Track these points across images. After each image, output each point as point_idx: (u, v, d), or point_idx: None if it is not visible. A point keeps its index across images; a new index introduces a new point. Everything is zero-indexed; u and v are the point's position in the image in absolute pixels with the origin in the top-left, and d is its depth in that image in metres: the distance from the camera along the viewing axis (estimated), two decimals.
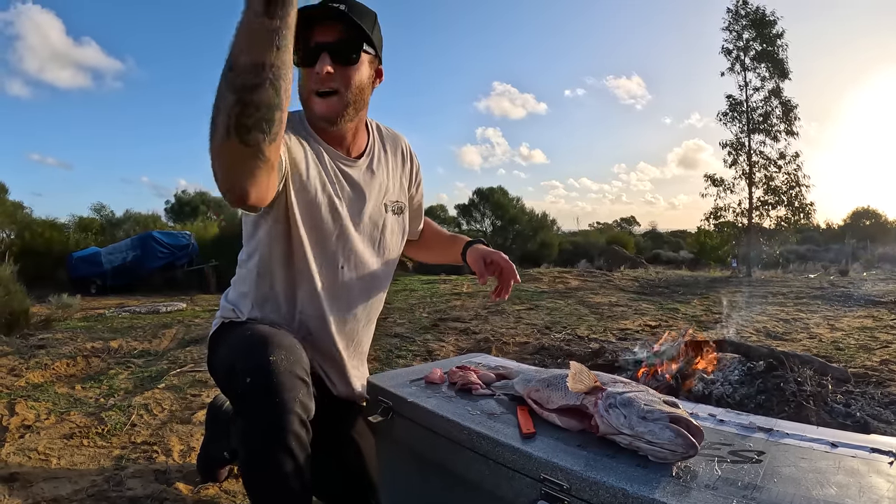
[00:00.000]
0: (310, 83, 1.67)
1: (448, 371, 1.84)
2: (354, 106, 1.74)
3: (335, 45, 1.65)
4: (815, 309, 7.95)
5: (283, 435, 1.38)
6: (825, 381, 3.36)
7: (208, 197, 34.76)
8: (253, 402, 1.40)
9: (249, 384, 1.39)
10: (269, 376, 1.39)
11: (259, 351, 1.44)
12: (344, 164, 1.83)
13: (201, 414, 3.19)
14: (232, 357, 1.53)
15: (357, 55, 1.68)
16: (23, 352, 4.82)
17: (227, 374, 1.53)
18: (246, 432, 1.42)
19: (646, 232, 52.42)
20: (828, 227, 47.06)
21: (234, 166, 1.30)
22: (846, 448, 1.26)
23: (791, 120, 18.71)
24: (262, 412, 1.38)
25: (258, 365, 1.41)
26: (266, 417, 1.38)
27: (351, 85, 1.69)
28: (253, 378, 1.40)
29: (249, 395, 1.40)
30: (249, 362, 1.43)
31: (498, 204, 33.52)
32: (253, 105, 1.22)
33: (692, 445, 1.13)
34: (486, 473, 1.37)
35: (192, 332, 6.15)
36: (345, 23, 1.64)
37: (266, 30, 1.18)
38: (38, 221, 21.57)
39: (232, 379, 1.47)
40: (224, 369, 1.60)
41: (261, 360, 1.41)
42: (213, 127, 1.25)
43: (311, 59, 1.64)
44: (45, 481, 2.38)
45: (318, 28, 1.64)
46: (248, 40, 1.20)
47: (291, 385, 1.41)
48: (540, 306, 8.07)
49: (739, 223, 19.39)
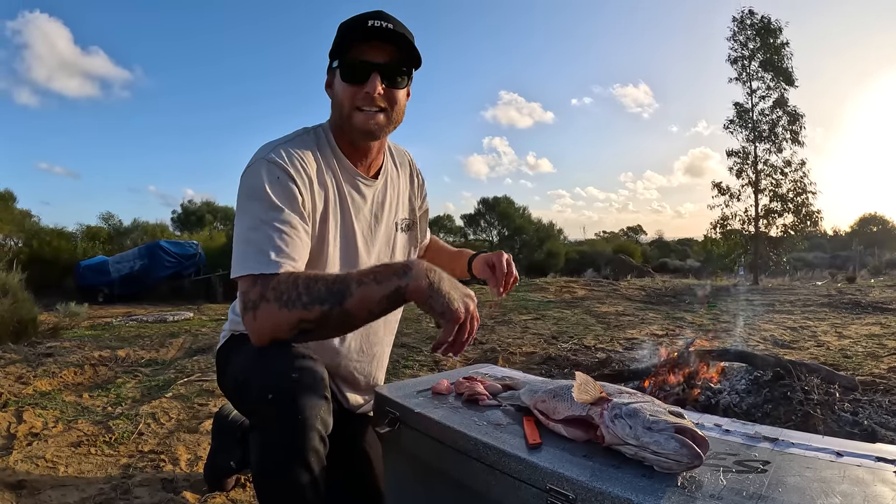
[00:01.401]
0: (355, 99, 1.68)
1: (455, 382, 1.84)
2: (394, 125, 1.77)
3: (387, 66, 1.67)
4: (822, 317, 7.94)
5: (303, 452, 1.37)
6: (833, 389, 3.35)
7: (215, 206, 34.81)
8: (273, 418, 1.37)
9: (271, 401, 1.36)
10: (291, 393, 1.37)
11: (279, 366, 1.42)
12: (362, 184, 1.83)
13: (208, 423, 3.20)
14: (248, 372, 1.49)
15: (405, 79, 1.73)
16: (30, 360, 4.84)
17: (242, 389, 1.51)
18: (264, 447, 1.40)
19: (652, 241, 52.32)
20: (835, 233, 46.89)
21: (279, 333, 1.45)
22: (851, 457, 1.26)
23: (797, 130, 18.71)
24: (283, 429, 1.37)
25: (280, 381, 1.39)
26: (287, 434, 1.37)
27: (396, 105, 1.73)
28: (275, 395, 1.37)
29: (270, 411, 1.38)
30: (270, 378, 1.40)
31: (504, 213, 33.55)
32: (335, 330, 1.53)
33: (697, 455, 1.13)
34: (492, 484, 1.37)
35: (199, 342, 6.16)
36: (397, 45, 1.67)
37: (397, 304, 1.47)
38: (46, 230, 21.62)
39: (247, 394, 1.45)
40: (239, 384, 1.57)
41: (282, 377, 1.39)
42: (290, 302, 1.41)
43: (360, 77, 1.66)
44: (52, 489, 2.39)
45: (369, 45, 1.65)
46: (386, 307, 1.46)
47: (313, 402, 1.39)
48: (547, 316, 8.08)
49: (746, 231, 19.37)
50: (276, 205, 1.53)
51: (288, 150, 1.63)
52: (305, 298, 1.40)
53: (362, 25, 1.62)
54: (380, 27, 1.62)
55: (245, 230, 1.51)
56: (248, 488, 2.44)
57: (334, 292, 1.41)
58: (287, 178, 1.58)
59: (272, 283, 1.43)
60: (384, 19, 1.63)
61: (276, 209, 1.53)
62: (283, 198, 1.55)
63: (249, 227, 1.51)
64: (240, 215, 1.56)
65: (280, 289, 1.41)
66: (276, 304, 1.40)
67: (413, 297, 1.44)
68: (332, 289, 1.41)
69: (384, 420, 1.77)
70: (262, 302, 1.41)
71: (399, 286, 1.42)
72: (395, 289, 1.42)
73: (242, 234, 1.51)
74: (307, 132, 1.78)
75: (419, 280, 1.44)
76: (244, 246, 1.50)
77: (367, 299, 1.42)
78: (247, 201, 1.56)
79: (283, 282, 1.43)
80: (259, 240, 1.49)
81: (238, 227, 1.55)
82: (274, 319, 1.41)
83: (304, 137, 1.75)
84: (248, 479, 2.48)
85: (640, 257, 35.02)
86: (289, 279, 1.43)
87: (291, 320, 1.40)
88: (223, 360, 1.83)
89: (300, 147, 1.68)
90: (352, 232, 1.80)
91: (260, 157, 1.60)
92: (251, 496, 2.38)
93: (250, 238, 1.49)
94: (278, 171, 1.58)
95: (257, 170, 1.58)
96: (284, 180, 1.57)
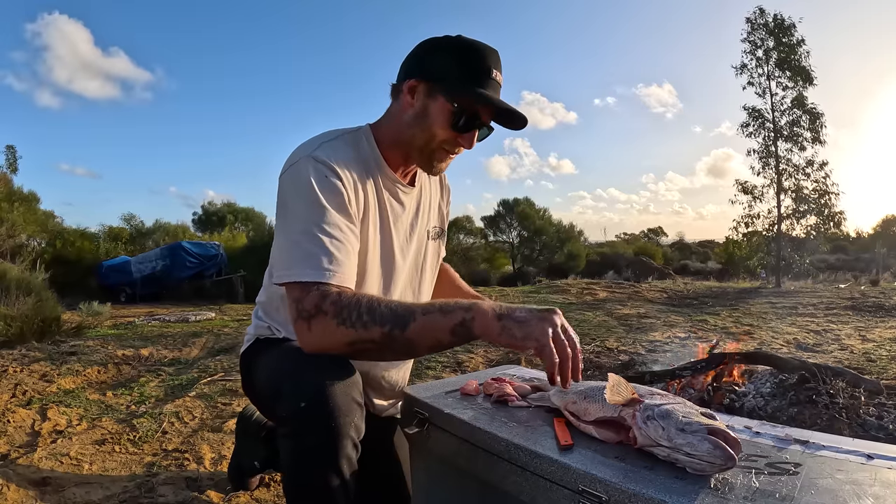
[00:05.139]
0: (446, 142, 1.66)
1: (483, 383, 1.83)
2: None
3: (489, 131, 1.70)
4: (845, 320, 7.89)
5: (337, 459, 1.36)
6: (857, 393, 3.32)
7: (235, 207, 34.94)
8: (307, 425, 1.35)
9: (304, 408, 1.34)
10: (327, 401, 1.35)
11: (314, 373, 1.40)
12: (401, 191, 1.78)
13: (232, 423, 3.21)
14: (281, 379, 1.46)
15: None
16: (54, 358, 4.88)
17: (274, 396, 1.46)
18: (296, 454, 1.38)
19: (673, 242, 52.15)
20: (858, 235, 46.41)
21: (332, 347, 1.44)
22: (882, 459, 1.25)
23: (818, 128, 18.59)
24: (317, 436, 1.35)
25: (314, 388, 1.36)
26: (320, 441, 1.36)
27: None
28: (308, 402, 1.35)
29: (304, 418, 1.35)
30: (304, 385, 1.38)
31: (524, 215, 33.52)
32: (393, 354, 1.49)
33: (731, 457, 1.12)
34: (523, 485, 1.37)
35: (221, 342, 6.20)
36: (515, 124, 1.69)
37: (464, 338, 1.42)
38: (69, 230, 21.81)
39: (280, 401, 1.41)
40: (269, 390, 1.54)
41: (317, 384, 1.37)
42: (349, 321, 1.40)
43: (465, 128, 1.64)
44: (76, 486, 2.40)
45: (488, 109, 1.64)
46: (451, 341, 1.42)
47: (348, 409, 1.38)
48: (568, 318, 7.98)
49: (769, 233, 19.26)
50: (324, 206, 1.49)
51: (332, 150, 1.59)
52: (366, 318, 1.38)
53: (495, 90, 1.62)
54: (515, 115, 1.63)
55: (293, 232, 1.48)
56: (273, 488, 2.44)
57: (398, 316, 1.39)
58: (335, 176, 1.53)
59: (331, 296, 1.41)
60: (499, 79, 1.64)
61: (326, 211, 1.49)
62: (332, 198, 1.51)
63: (299, 230, 1.48)
64: (285, 216, 1.53)
65: (340, 304, 1.40)
66: (334, 320, 1.39)
67: (481, 331, 1.38)
68: (395, 312, 1.39)
69: (413, 421, 1.76)
70: (318, 314, 1.40)
71: (465, 318, 1.38)
72: (461, 321, 1.38)
73: (290, 237, 1.49)
74: (347, 133, 1.72)
75: (485, 313, 1.38)
76: (292, 250, 1.47)
77: (431, 328, 1.39)
78: (294, 201, 1.52)
79: (345, 298, 1.41)
80: (309, 244, 1.46)
81: (283, 229, 1.52)
82: (330, 334, 1.40)
83: (345, 139, 1.69)
84: (272, 478, 2.49)
85: (661, 259, 34.94)
86: (351, 297, 1.41)
87: (348, 338, 1.39)
88: (249, 365, 1.80)
89: (342, 148, 1.63)
90: (389, 240, 1.75)
91: (305, 155, 1.55)
92: (275, 496, 2.39)
93: (300, 242, 1.46)
94: (326, 169, 1.53)
95: (303, 168, 1.53)
96: (333, 179, 1.53)
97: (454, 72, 1.60)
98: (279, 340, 1.73)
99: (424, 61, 1.65)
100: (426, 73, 1.63)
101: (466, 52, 1.60)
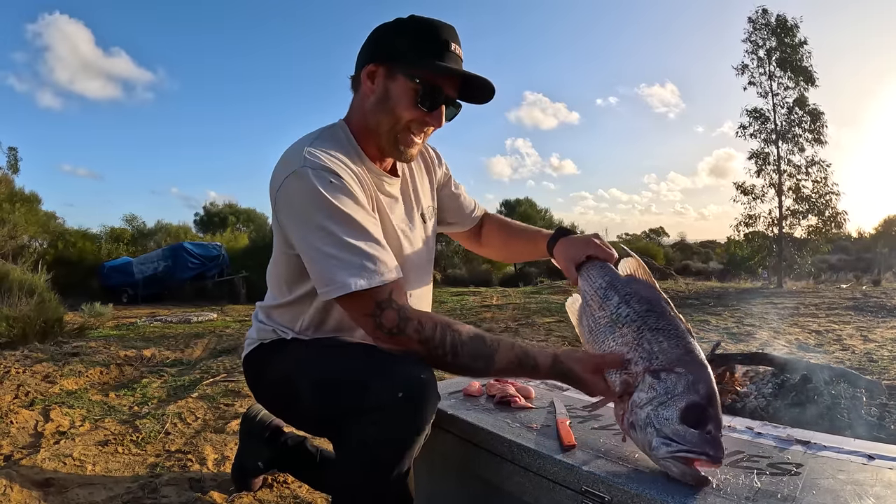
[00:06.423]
0: (413, 122, 1.62)
1: (486, 384, 1.84)
2: None
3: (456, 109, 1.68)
4: (847, 320, 7.87)
5: (413, 449, 1.40)
6: (859, 393, 3.32)
7: (237, 208, 34.88)
8: (400, 415, 1.36)
9: (402, 398, 1.34)
10: (423, 392, 1.38)
11: (403, 366, 1.40)
12: (387, 183, 1.74)
13: (235, 423, 3.21)
14: (360, 369, 1.44)
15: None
16: (57, 359, 4.90)
17: (349, 386, 1.44)
18: (378, 442, 1.37)
19: (675, 243, 51.97)
20: (860, 235, 46.28)
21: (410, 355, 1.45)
22: (883, 460, 1.26)
23: (818, 129, 18.54)
24: (406, 426, 1.37)
25: (410, 381, 1.37)
26: (407, 431, 1.38)
27: None
28: (406, 393, 1.35)
29: (398, 408, 1.35)
30: (398, 377, 1.38)
31: (525, 215, 33.41)
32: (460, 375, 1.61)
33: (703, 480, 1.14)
34: (526, 486, 1.37)
35: (223, 343, 6.21)
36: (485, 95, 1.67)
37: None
38: (71, 231, 21.74)
39: (365, 391, 1.38)
40: (337, 383, 1.49)
41: (412, 376, 1.38)
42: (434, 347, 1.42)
43: (432, 105, 1.60)
44: (80, 487, 2.40)
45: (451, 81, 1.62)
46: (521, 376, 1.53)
47: (435, 403, 1.42)
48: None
49: (770, 233, 19.22)
50: (342, 209, 1.45)
51: (323, 151, 1.53)
52: (450, 359, 1.43)
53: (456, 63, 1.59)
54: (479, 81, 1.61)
55: (323, 245, 1.43)
56: (275, 488, 2.44)
57: (482, 356, 1.44)
58: (337, 177, 1.49)
59: (412, 323, 1.42)
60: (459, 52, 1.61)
61: (345, 214, 1.45)
62: (345, 199, 1.47)
63: (329, 242, 1.43)
64: (304, 231, 1.47)
65: (424, 335, 1.41)
66: (419, 345, 1.41)
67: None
68: (478, 353, 1.44)
69: None
70: (400, 335, 1.41)
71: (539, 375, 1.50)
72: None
73: (322, 250, 1.44)
74: (325, 131, 1.68)
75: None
76: (329, 262, 1.43)
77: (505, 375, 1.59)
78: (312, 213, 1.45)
79: (427, 329, 1.42)
80: (345, 254, 1.42)
81: (309, 244, 1.46)
82: (412, 351, 1.42)
83: (325, 137, 1.65)
84: (275, 479, 2.49)
85: (663, 260, 34.80)
86: (435, 327, 1.43)
87: (429, 359, 1.43)
88: (259, 368, 1.78)
89: (331, 146, 1.59)
90: (393, 233, 1.72)
91: (300, 167, 1.47)
92: (278, 496, 2.39)
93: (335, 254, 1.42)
94: (327, 174, 1.47)
95: (304, 181, 1.45)
96: (338, 182, 1.48)
97: (411, 49, 1.57)
98: (297, 341, 1.71)
99: (380, 45, 1.62)
100: (383, 55, 1.60)
101: (422, 28, 1.58)
